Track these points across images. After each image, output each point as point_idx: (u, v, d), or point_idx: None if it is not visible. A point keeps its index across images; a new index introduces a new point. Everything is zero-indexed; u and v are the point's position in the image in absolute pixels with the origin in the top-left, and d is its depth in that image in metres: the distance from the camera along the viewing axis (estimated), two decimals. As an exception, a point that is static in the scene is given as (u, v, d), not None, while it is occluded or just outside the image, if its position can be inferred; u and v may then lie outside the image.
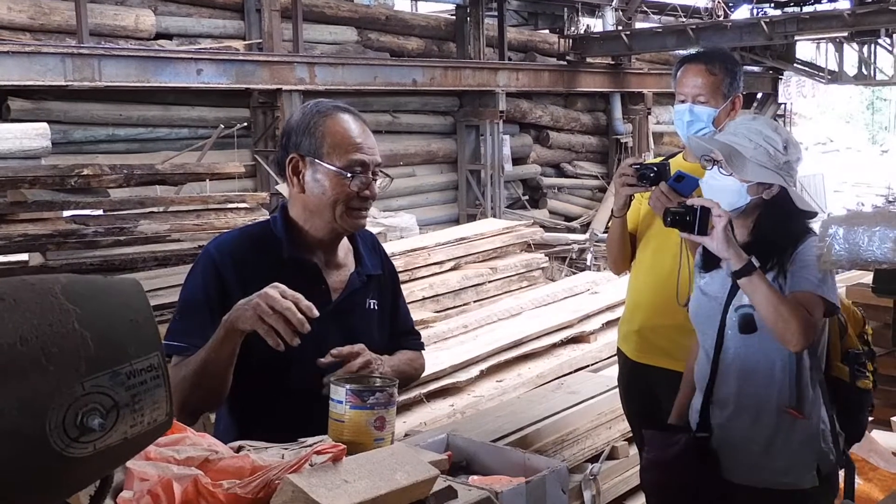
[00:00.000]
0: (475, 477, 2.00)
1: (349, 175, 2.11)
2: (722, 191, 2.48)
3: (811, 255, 2.40)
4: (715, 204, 2.37)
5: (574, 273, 11.08)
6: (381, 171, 2.20)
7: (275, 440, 1.73)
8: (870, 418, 2.89)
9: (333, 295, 2.19)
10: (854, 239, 2.36)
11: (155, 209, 7.56)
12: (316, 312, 1.91)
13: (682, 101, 3.01)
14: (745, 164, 2.42)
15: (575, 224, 16.21)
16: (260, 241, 2.19)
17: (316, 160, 2.13)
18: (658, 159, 3.10)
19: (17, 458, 0.90)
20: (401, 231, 10.29)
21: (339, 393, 1.79)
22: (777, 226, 2.45)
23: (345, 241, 2.27)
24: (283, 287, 1.91)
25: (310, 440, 1.70)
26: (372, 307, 2.27)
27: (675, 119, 3.09)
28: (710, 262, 2.58)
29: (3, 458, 0.89)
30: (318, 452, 1.54)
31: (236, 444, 1.71)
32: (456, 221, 14.57)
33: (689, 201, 2.40)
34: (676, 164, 3.00)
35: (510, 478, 1.95)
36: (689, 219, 2.35)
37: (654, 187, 2.84)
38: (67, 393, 0.92)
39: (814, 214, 2.57)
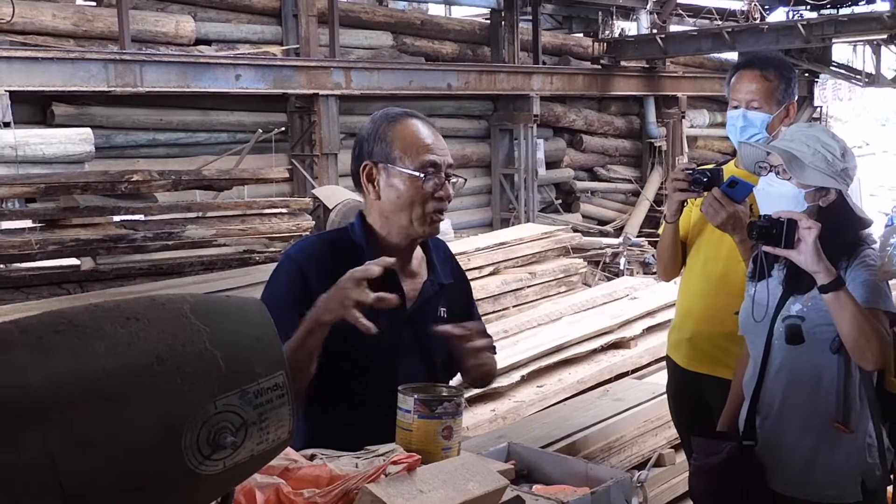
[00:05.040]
0: (539, 486, 2.02)
1: (422, 176, 2.15)
2: (779, 198, 2.46)
3: (870, 270, 2.39)
4: (802, 216, 2.33)
5: (608, 277, 11.06)
6: (453, 173, 2.23)
7: (348, 447, 1.75)
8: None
9: (408, 303, 2.21)
10: (917, 249, 2.35)
11: (201, 214, 7.66)
12: (395, 299, 1.99)
13: (736, 107, 2.99)
14: (805, 169, 2.39)
15: (608, 228, 16.14)
16: (339, 247, 2.22)
17: (389, 165, 2.17)
18: (711, 166, 3.09)
19: (155, 474, 0.92)
20: (436, 235, 10.30)
21: (407, 402, 1.82)
22: (833, 233, 2.41)
23: (418, 251, 2.30)
24: (353, 271, 1.98)
25: (381, 448, 1.73)
26: (442, 315, 2.28)
27: (728, 125, 3.06)
28: (761, 271, 2.57)
29: (142, 475, 0.92)
30: (394, 462, 1.57)
31: (308, 451, 1.74)
32: (489, 225, 14.57)
33: (775, 213, 2.35)
34: (729, 171, 2.99)
35: (574, 488, 1.97)
36: (775, 231, 2.31)
37: (706, 193, 2.83)
38: (202, 412, 0.95)
39: (868, 223, 2.56)
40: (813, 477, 2.49)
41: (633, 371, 5.97)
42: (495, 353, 2.47)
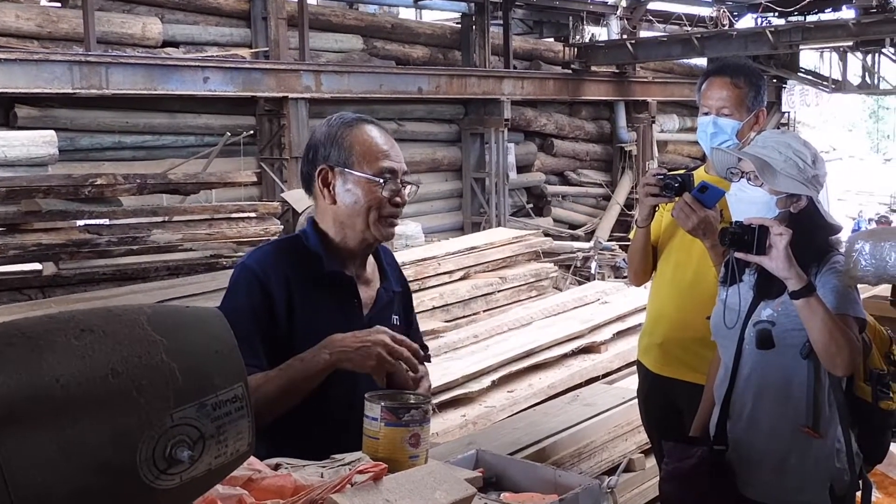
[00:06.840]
0: (507, 494, 1.99)
1: (381, 181, 2.13)
2: (750, 203, 2.46)
3: (839, 276, 2.39)
4: (774, 222, 2.34)
5: (579, 281, 11.09)
6: (408, 180, 2.22)
7: (309, 459, 1.72)
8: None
9: (364, 310, 2.19)
10: (881, 254, 2.36)
11: (167, 218, 7.59)
12: (422, 352, 2.06)
13: (706, 114, 3.00)
14: (776, 175, 2.40)
15: (579, 232, 16.21)
16: (295, 255, 2.18)
17: (346, 169, 2.14)
18: (681, 171, 3.09)
19: (109, 490, 0.90)
20: (406, 239, 10.32)
21: (374, 410, 1.78)
22: (803, 239, 2.42)
23: (370, 258, 2.28)
24: (389, 331, 2.00)
25: (348, 457, 1.70)
26: (396, 323, 2.27)
27: (698, 131, 3.07)
28: (732, 276, 2.57)
29: (95, 491, 0.89)
30: (360, 472, 1.54)
31: (273, 461, 1.70)
32: (460, 229, 14.59)
33: (746, 220, 2.36)
34: (699, 176, 2.99)
35: (542, 495, 1.94)
36: (746, 238, 2.32)
37: (677, 198, 2.83)
38: (157, 425, 0.93)
39: (838, 229, 2.57)
40: (783, 482, 2.49)
41: (604, 376, 5.99)
42: (429, 360, 2.44)
